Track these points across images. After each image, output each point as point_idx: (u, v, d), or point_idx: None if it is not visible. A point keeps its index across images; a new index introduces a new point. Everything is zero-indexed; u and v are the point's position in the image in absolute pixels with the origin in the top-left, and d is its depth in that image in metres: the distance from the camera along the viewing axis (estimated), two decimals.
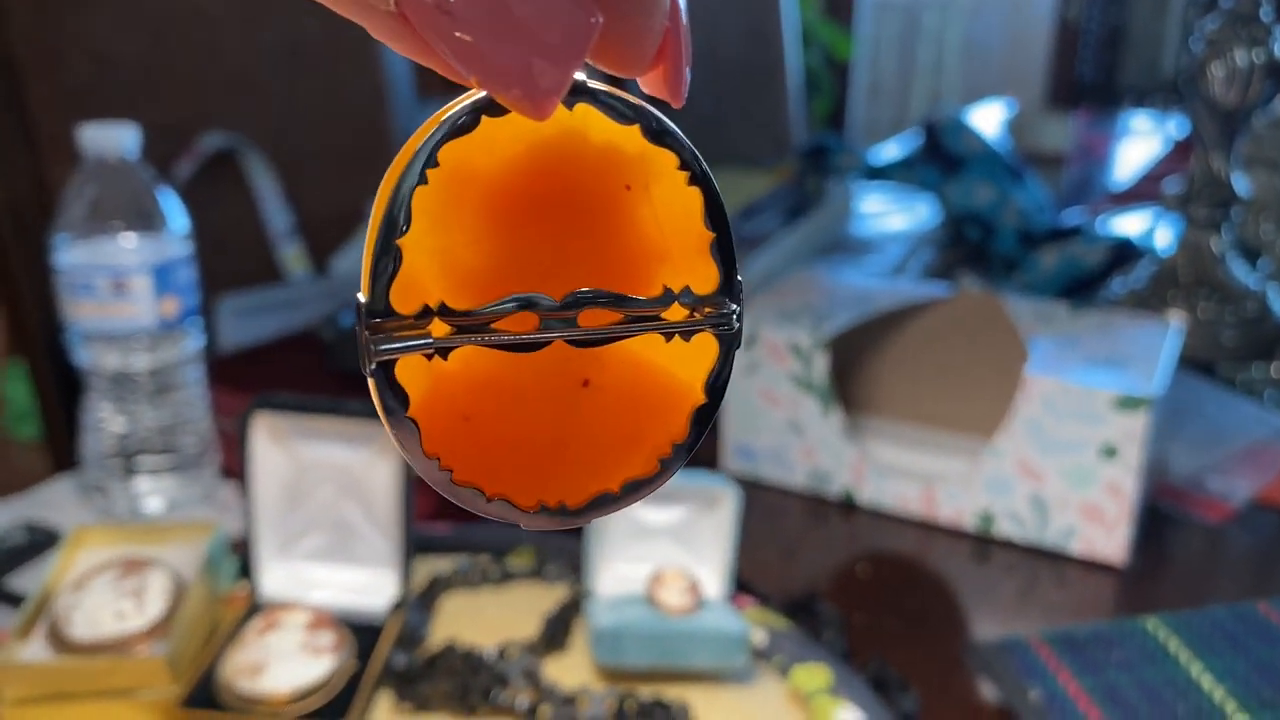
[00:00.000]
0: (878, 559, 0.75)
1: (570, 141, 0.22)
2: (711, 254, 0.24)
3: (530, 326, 0.23)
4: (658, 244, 0.24)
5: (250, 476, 0.63)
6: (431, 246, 0.22)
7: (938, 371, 0.86)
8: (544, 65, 0.20)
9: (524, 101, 0.20)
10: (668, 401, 0.24)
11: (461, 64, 0.20)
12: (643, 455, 0.25)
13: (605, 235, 0.23)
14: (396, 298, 0.22)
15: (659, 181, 0.23)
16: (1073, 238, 1.10)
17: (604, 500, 0.24)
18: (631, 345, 0.24)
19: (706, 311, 0.24)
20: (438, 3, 0.19)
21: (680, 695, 0.57)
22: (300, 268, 1.10)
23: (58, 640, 0.57)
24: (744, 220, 1.07)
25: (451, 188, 0.22)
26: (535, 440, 0.24)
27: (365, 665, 0.58)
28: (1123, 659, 0.62)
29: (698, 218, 0.23)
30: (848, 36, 1.80)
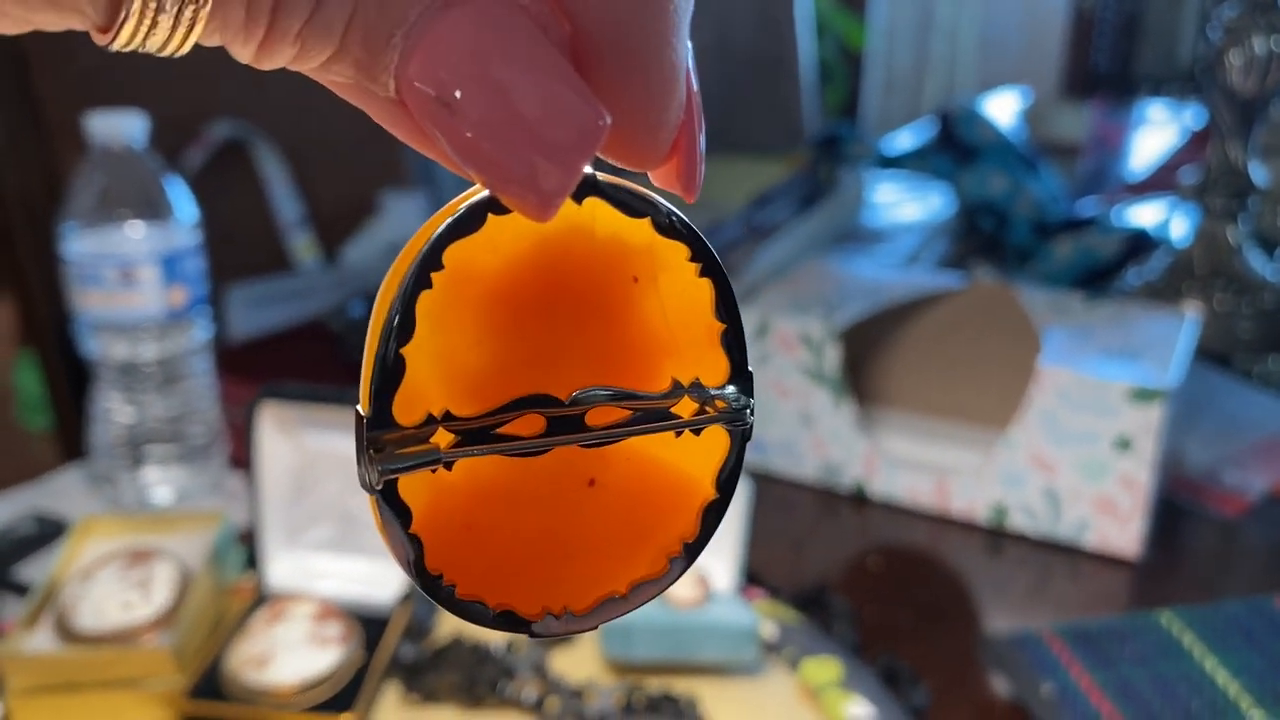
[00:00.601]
0: (889, 552, 0.74)
1: (577, 236, 0.22)
2: (722, 345, 0.23)
3: (537, 428, 0.22)
4: (665, 336, 0.23)
5: (257, 466, 0.63)
6: (434, 350, 0.21)
7: (950, 363, 0.86)
8: (549, 167, 0.19)
9: (528, 204, 0.19)
10: (676, 499, 0.24)
11: (464, 161, 0.19)
12: (650, 554, 0.24)
13: (612, 329, 0.22)
14: (399, 408, 0.21)
15: (667, 273, 0.22)
16: (1088, 228, 1.09)
17: (611, 603, 0.23)
18: (639, 442, 0.23)
19: (718, 405, 0.23)
20: (438, 95, 0.18)
21: (689, 688, 0.57)
22: (310, 257, 1.10)
23: (64, 630, 0.57)
24: (756, 209, 1.07)
25: (456, 289, 0.21)
26: (539, 545, 0.23)
27: (372, 657, 0.57)
28: (1136, 653, 0.61)
29: (708, 309, 0.23)
30: (861, 25, 1.79)
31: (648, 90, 0.20)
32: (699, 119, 0.22)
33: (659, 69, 0.20)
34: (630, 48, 0.20)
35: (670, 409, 0.23)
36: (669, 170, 0.22)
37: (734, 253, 1.01)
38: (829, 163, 1.24)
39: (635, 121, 0.21)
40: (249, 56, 0.18)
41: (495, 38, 0.18)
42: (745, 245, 1.02)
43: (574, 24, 0.20)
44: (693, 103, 0.22)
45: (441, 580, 0.22)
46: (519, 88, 0.18)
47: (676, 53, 0.20)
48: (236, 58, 0.19)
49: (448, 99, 0.18)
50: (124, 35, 0.17)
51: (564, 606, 0.23)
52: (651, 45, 0.20)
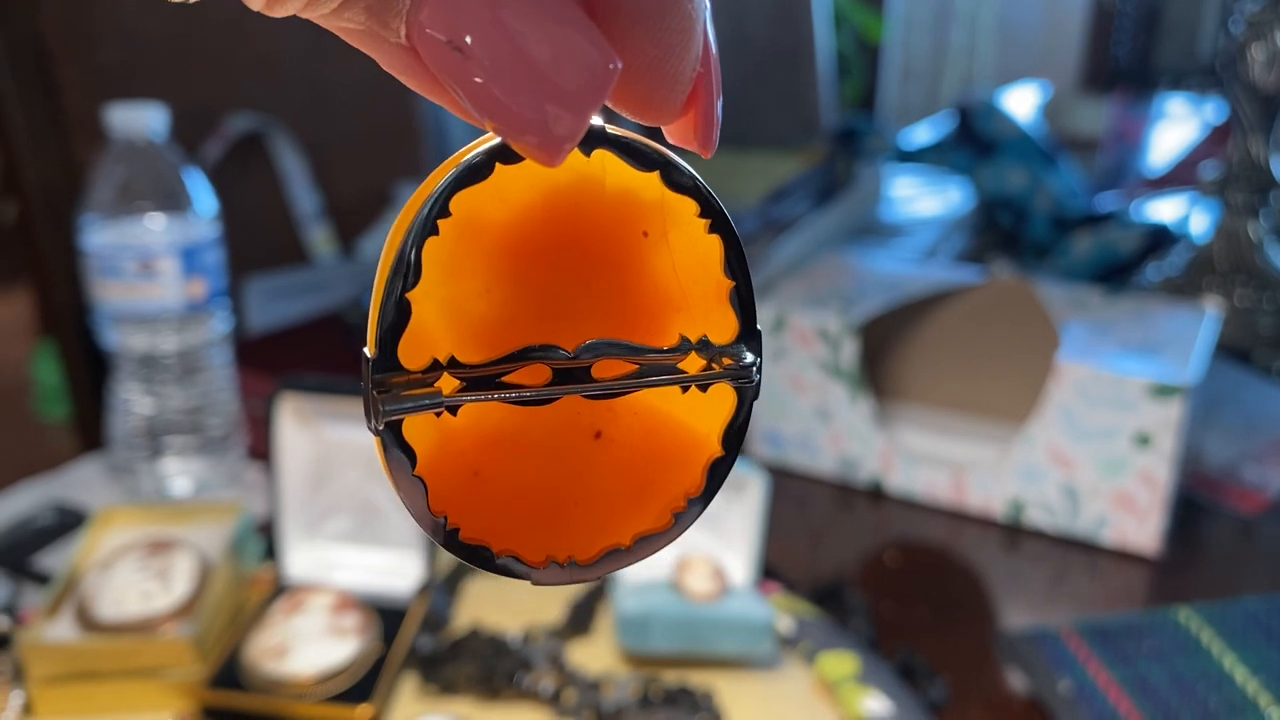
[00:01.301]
0: (906, 547, 0.74)
1: (587, 188, 0.22)
2: (730, 302, 0.23)
3: (543, 378, 0.22)
4: (675, 292, 0.23)
5: (276, 458, 0.63)
6: (441, 297, 0.21)
7: (968, 358, 0.85)
8: (559, 111, 0.19)
9: (538, 149, 0.19)
10: (682, 453, 0.24)
11: (474, 107, 0.19)
12: (656, 508, 0.24)
13: (621, 283, 0.23)
14: (404, 352, 0.21)
15: (677, 228, 0.22)
16: (1107, 223, 1.08)
17: (615, 555, 0.23)
18: (645, 396, 0.23)
19: (725, 362, 0.23)
20: (450, 40, 0.18)
21: (706, 681, 0.57)
22: (327, 250, 1.10)
23: (85, 620, 0.57)
24: (773, 203, 1.06)
25: (463, 237, 0.21)
26: (545, 494, 0.23)
27: (390, 648, 0.58)
28: (1154, 650, 0.61)
29: (717, 266, 0.23)
30: (879, 18, 1.78)
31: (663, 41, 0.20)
32: (716, 75, 0.22)
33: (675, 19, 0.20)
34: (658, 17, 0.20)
35: (677, 364, 0.23)
36: (685, 125, 0.22)
37: (751, 246, 1.01)
38: (847, 156, 1.23)
39: (650, 73, 0.20)
40: (260, 4, 0.18)
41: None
42: (762, 239, 1.02)
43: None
44: (709, 58, 0.22)
45: (445, 523, 0.22)
46: (530, 33, 0.18)
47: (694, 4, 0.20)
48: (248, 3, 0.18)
49: (459, 44, 0.18)
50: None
51: (568, 556, 0.23)
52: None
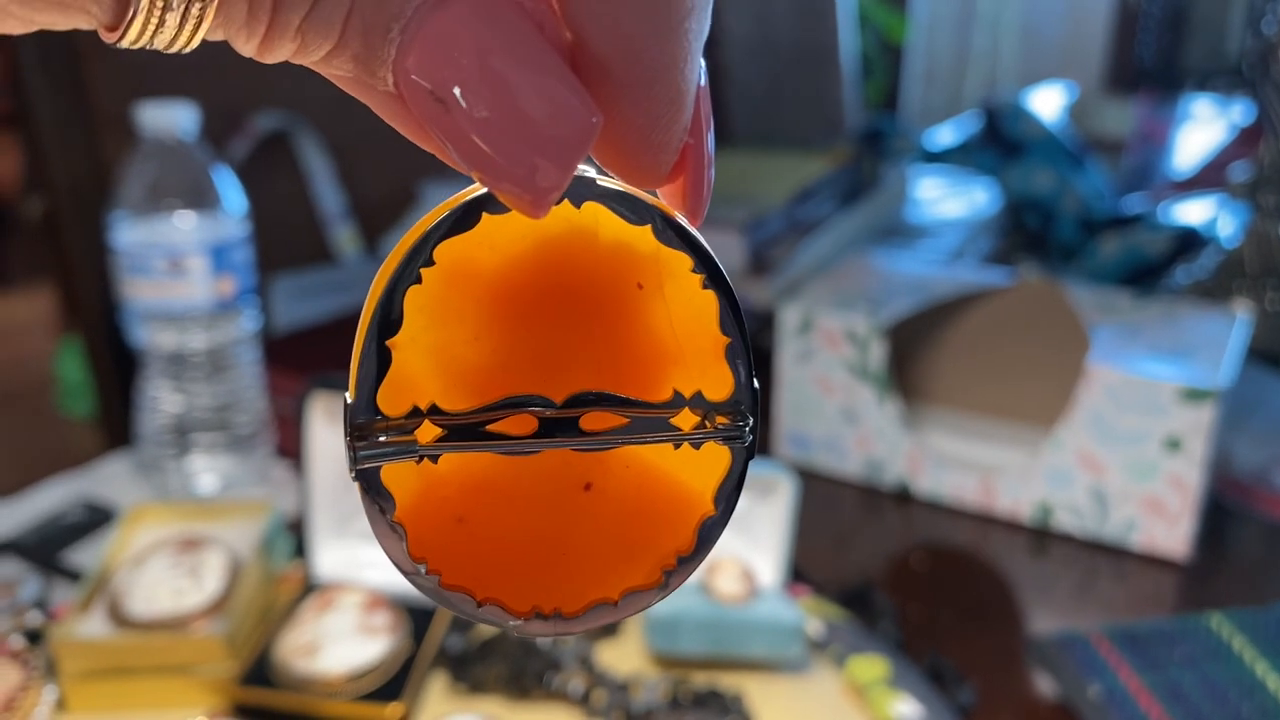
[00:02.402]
0: (934, 550, 0.74)
1: (579, 239, 0.22)
2: (727, 359, 0.23)
3: (529, 428, 0.22)
4: (670, 346, 0.23)
5: (307, 456, 0.63)
6: (428, 344, 0.21)
7: (996, 360, 0.85)
8: (543, 163, 0.19)
9: (522, 200, 0.19)
10: (674, 510, 0.23)
11: (459, 156, 0.19)
12: (646, 565, 0.23)
13: (614, 334, 0.22)
14: (386, 398, 0.21)
15: (673, 281, 0.22)
16: (1135, 225, 1.08)
17: (602, 609, 0.23)
18: (638, 450, 0.23)
19: (719, 420, 0.23)
20: (435, 90, 0.18)
21: (735, 684, 0.57)
22: (352, 249, 1.10)
23: (117, 616, 0.58)
24: (799, 204, 1.06)
25: (452, 284, 0.21)
26: (532, 544, 0.23)
27: (420, 647, 0.58)
28: (1185, 656, 0.60)
29: (713, 321, 0.22)
30: (902, 18, 1.77)
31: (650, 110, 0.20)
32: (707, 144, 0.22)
33: (665, 90, 0.20)
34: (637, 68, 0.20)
35: (669, 420, 0.23)
36: (673, 190, 0.22)
37: (777, 247, 1.01)
38: (872, 157, 1.23)
39: (636, 139, 0.20)
40: (252, 50, 0.19)
41: (491, 33, 0.18)
42: (788, 240, 1.01)
43: (579, 37, 0.20)
44: (700, 127, 0.22)
45: (425, 569, 0.22)
46: (514, 83, 0.18)
47: (685, 77, 0.20)
48: (240, 51, 0.19)
49: (444, 94, 0.18)
50: (131, 33, 0.18)
51: (554, 608, 0.23)
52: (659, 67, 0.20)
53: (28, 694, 0.55)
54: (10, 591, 0.63)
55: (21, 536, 0.71)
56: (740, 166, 1.17)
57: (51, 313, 1.80)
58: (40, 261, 1.82)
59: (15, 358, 1.85)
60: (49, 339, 1.70)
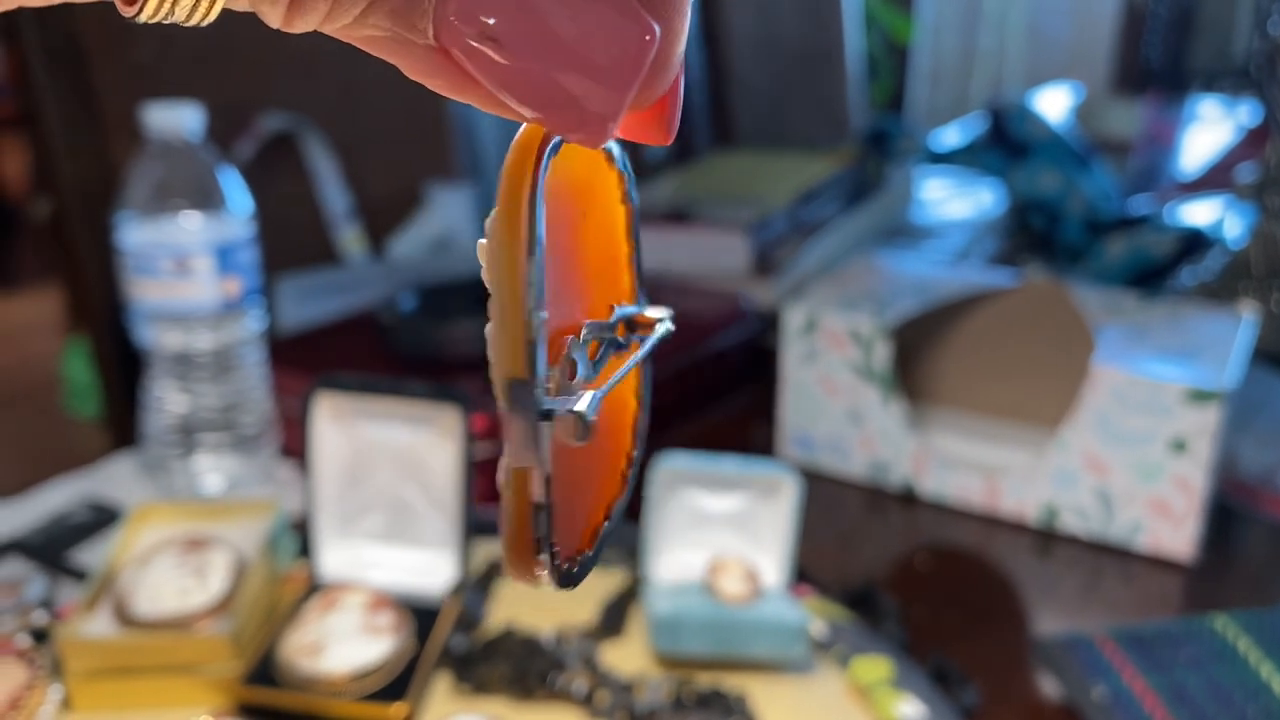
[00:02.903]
0: (938, 551, 0.74)
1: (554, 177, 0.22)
2: (630, 266, 0.24)
3: (592, 354, 0.23)
4: (596, 265, 0.24)
5: (312, 456, 0.63)
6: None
7: (1002, 361, 0.85)
8: (597, 90, 0.18)
9: (581, 132, 0.19)
10: (617, 419, 0.25)
11: (511, 97, 0.18)
12: (613, 477, 0.25)
13: (576, 264, 0.23)
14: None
15: (597, 204, 0.23)
16: (1141, 226, 1.07)
17: (603, 532, 0.24)
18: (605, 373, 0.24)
19: (642, 321, 0.24)
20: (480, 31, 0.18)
21: (738, 685, 0.57)
22: (357, 250, 1.10)
23: (122, 616, 0.58)
24: (803, 205, 1.06)
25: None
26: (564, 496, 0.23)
27: (424, 647, 0.58)
28: (1191, 658, 0.60)
29: (621, 233, 0.24)
30: (908, 19, 1.77)
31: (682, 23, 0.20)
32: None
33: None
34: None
35: (618, 335, 0.24)
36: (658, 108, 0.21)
37: (781, 248, 1.01)
38: (877, 158, 1.23)
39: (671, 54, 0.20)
40: (278, 18, 0.18)
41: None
42: (792, 241, 1.01)
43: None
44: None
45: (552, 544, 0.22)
46: (559, 13, 0.18)
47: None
48: (267, 21, 0.18)
49: (490, 34, 0.18)
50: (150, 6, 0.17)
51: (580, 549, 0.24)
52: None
53: (33, 693, 0.56)
54: (16, 591, 0.63)
55: (27, 536, 0.72)
56: (745, 167, 1.17)
57: (58, 313, 1.80)
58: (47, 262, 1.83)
59: (21, 358, 1.85)
60: (55, 339, 1.71)
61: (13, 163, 2.33)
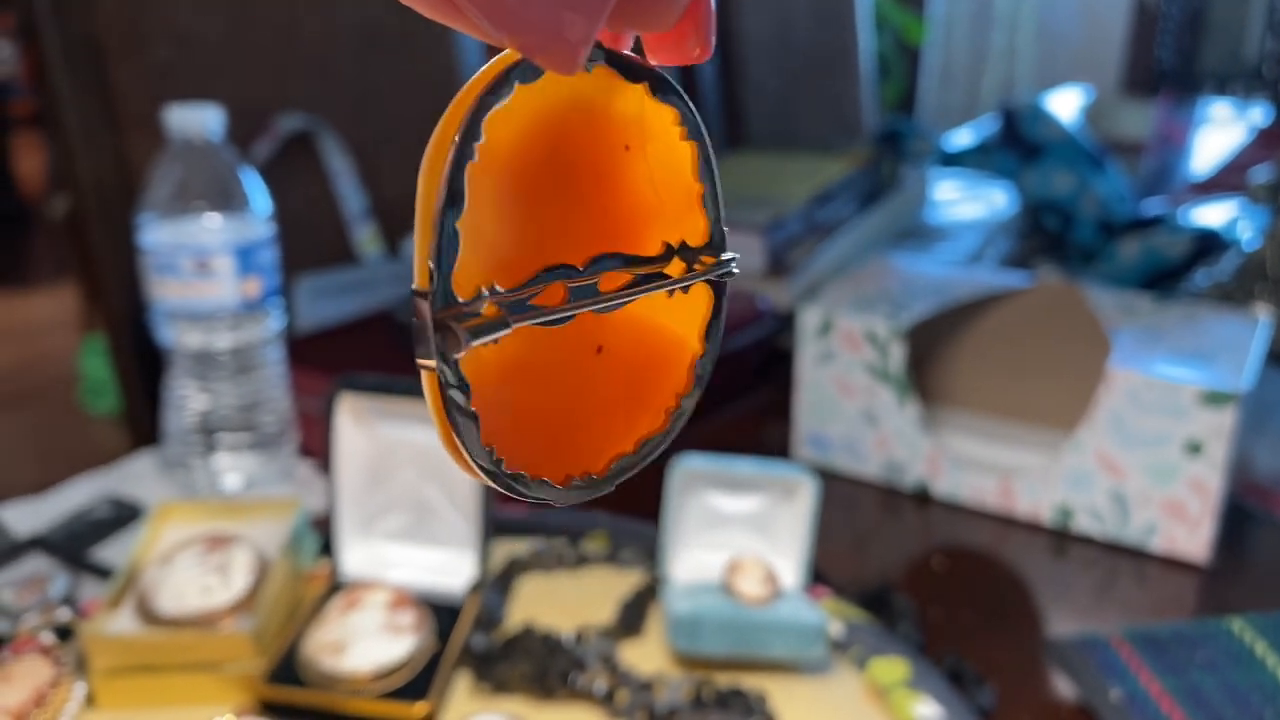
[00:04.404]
0: (953, 552, 0.74)
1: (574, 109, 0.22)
2: (701, 205, 0.24)
3: (559, 297, 0.23)
4: (653, 201, 0.24)
5: (333, 456, 0.64)
6: (468, 225, 0.21)
7: (1016, 363, 0.85)
8: (572, 16, 0.19)
9: (555, 55, 0.19)
10: (669, 356, 0.25)
11: (489, 21, 0.19)
12: (652, 412, 0.25)
13: (609, 197, 0.23)
14: (455, 284, 0.21)
15: (653, 140, 0.23)
16: (1154, 228, 1.07)
17: (623, 463, 0.24)
18: (634, 305, 0.24)
19: (706, 262, 0.24)
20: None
21: (757, 685, 0.57)
22: (374, 249, 1.11)
23: (145, 613, 0.58)
24: (817, 206, 1.06)
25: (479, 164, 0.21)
26: (559, 416, 0.24)
27: (445, 646, 0.58)
28: (1207, 660, 0.61)
29: (689, 172, 0.24)
30: (919, 20, 1.77)
31: None
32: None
33: None
34: None
35: (664, 271, 0.24)
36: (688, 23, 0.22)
37: (796, 249, 1.01)
38: (891, 159, 1.23)
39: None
40: None
41: None
42: (807, 242, 1.02)
43: None
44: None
45: (493, 454, 0.22)
46: None
47: None
48: None
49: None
50: None
51: (584, 471, 0.24)
52: None
53: (58, 690, 0.56)
54: (40, 588, 0.64)
55: (50, 533, 0.72)
56: (759, 169, 1.17)
57: (73, 310, 1.81)
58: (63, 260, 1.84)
59: (36, 354, 1.87)
60: (70, 336, 1.72)
61: (29, 161, 2.34)
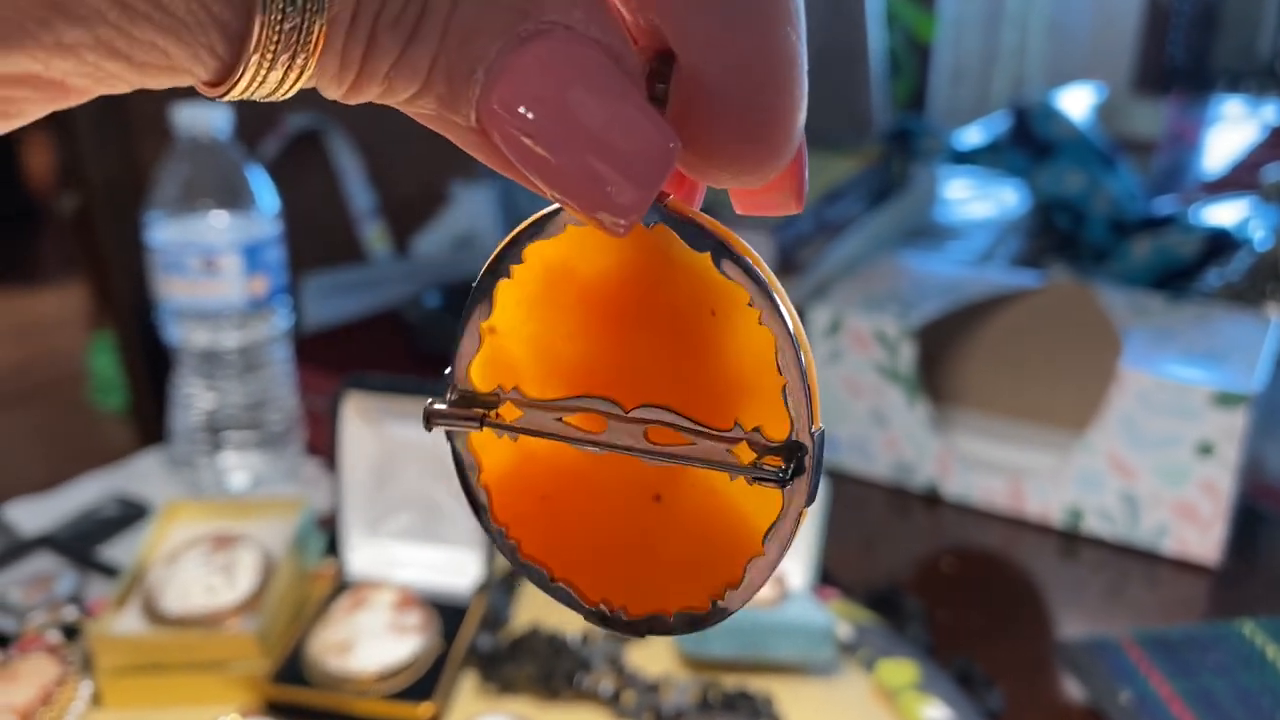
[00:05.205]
0: (962, 553, 0.74)
1: (659, 259, 0.22)
2: (783, 400, 0.22)
3: (600, 428, 0.23)
4: (739, 376, 0.22)
5: (340, 455, 0.63)
6: (527, 335, 0.23)
7: (1027, 363, 0.85)
8: (623, 186, 0.20)
9: (604, 221, 0.20)
10: (731, 540, 0.23)
11: (545, 184, 0.20)
12: (700, 588, 0.24)
13: (690, 357, 0.23)
14: (478, 375, 0.23)
15: (739, 312, 0.22)
16: (1166, 227, 1.07)
17: (658, 622, 0.24)
18: (704, 472, 0.23)
19: (770, 461, 0.22)
20: (518, 123, 0.19)
21: (764, 687, 0.57)
22: (381, 248, 1.11)
23: (151, 612, 0.58)
24: (827, 204, 1.06)
25: (552, 284, 0.23)
26: (607, 539, 0.24)
27: (451, 646, 0.58)
28: (1218, 663, 0.60)
29: (770, 359, 0.22)
30: (930, 17, 1.76)
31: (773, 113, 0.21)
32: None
33: (773, 104, 0.21)
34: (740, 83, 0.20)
35: (729, 450, 0.22)
36: (783, 178, 0.22)
37: (805, 248, 1.01)
38: (901, 157, 1.22)
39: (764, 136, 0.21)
40: (339, 95, 0.20)
41: (570, 69, 0.19)
42: (816, 241, 1.01)
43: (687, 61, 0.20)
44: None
45: (505, 534, 0.24)
46: (593, 113, 0.19)
47: (790, 86, 0.21)
48: (326, 95, 0.20)
49: (525, 125, 0.19)
50: (236, 90, 0.19)
51: (621, 605, 0.24)
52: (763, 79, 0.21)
53: (64, 688, 0.56)
54: (47, 586, 0.64)
55: (57, 531, 0.72)
56: None
57: (81, 308, 1.82)
58: (71, 257, 1.84)
59: (44, 352, 1.87)
60: (78, 334, 1.72)
61: (38, 158, 2.34)
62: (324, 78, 0.19)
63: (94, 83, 0.18)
